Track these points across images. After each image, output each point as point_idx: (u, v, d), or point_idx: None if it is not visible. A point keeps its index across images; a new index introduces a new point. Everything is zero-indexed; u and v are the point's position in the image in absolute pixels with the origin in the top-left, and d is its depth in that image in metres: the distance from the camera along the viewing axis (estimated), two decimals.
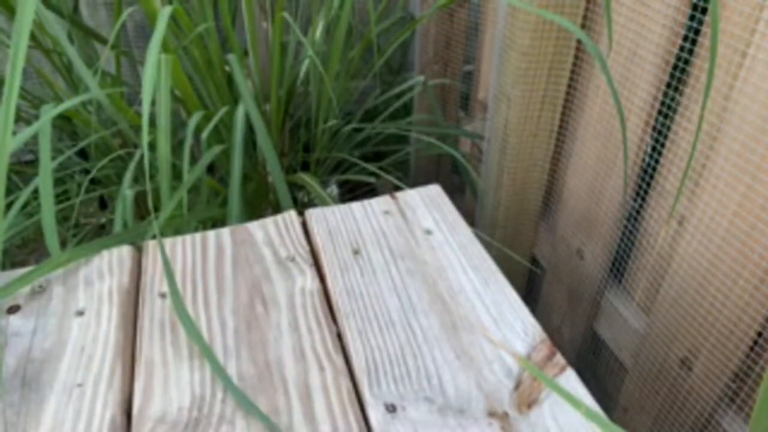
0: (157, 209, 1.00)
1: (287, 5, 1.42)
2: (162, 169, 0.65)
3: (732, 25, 0.57)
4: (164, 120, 0.64)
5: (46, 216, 0.62)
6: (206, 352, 0.47)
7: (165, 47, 0.80)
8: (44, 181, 0.63)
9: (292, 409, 0.44)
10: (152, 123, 0.97)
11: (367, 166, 0.99)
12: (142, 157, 0.86)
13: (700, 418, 0.70)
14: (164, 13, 0.59)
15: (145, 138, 0.50)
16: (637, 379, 0.80)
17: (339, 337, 0.50)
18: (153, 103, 0.89)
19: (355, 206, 0.64)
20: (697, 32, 0.62)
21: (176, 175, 0.96)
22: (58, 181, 1.38)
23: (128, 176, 0.81)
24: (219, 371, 0.46)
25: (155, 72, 0.54)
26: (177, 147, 1.09)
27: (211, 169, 1.29)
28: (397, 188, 1.45)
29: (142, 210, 1.25)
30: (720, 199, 0.62)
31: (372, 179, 0.95)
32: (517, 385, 0.45)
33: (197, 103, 0.86)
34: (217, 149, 0.78)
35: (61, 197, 1.37)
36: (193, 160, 1.11)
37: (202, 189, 0.83)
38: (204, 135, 0.77)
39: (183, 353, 0.48)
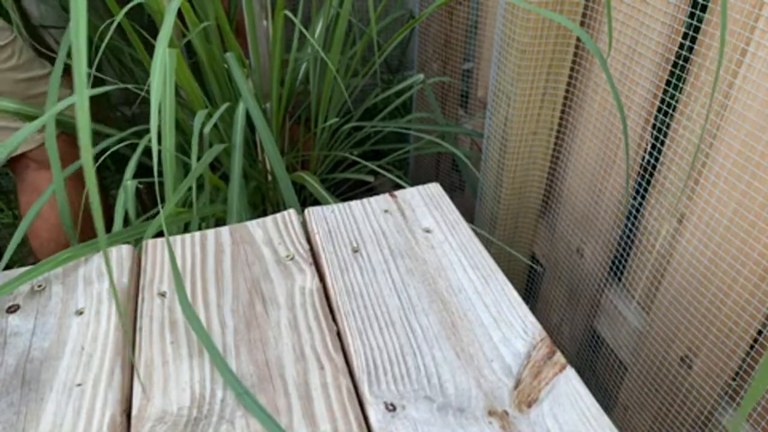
0: (157, 206, 1.00)
1: (286, 3, 1.42)
2: (167, 165, 0.65)
3: (732, 23, 0.57)
4: (169, 114, 0.64)
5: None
6: (213, 352, 0.47)
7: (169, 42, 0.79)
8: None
9: (292, 408, 0.44)
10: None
11: (367, 164, 0.99)
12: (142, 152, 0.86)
13: (700, 416, 0.70)
14: (172, 6, 0.59)
15: (155, 131, 0.49)
16: (637, 378, 0.80)
17: (339, 336, 0.50)
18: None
19: (355, 205, 0.64)
20: (696, 30, 0.62)
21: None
22: None
23: (131, 166, 0.81)
24: (226, 372, 0.46)
25: (162, 65, 0.54)
26: (177, 145, 1.09)
27: (211, 167, 1.29)
28: (397, 187, 1.45)
29: (139, 209, 1.25)
30: (720, 197, 0.62)
31: (371, 178, 0.95)
32: (517, 384, 0.45)
33: (200, 101, 0.86)
34: (219, 148, 0.78)
35: None
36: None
37: (205, 186, 0.83)
38: (206, 130, 0.77)
39: (183, 353, 0.48)
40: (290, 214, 0.63)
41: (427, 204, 0.64)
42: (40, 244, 1.05)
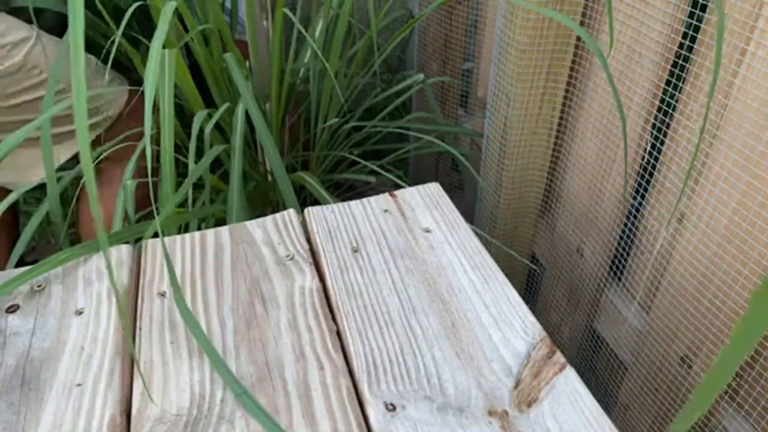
0: (157, 207, 1.00)
1: (286, 3, 1.42)
2: (165, 166, 0.65)
3: (732, 23, 0.57)
4: (168, 115, 0.64)
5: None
6: (211, 354, 0.47)
7: (168, 42, 0.79)
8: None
9: (292, 408, 0.44)
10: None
11: (367, 164, 0.99)
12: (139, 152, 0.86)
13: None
14: (168, 9, 0.59)
15: (148, 133, 0.50)
16: (637, 377, 0.80)
17: (338, 336, 0.50)
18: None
19: (355, 205, 0.64)
20: (696, 29, 0.62)
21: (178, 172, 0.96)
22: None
23: (130, 167, 0.82)
24: (225, 373, 0.46)
25: (158, 66, 0.54)
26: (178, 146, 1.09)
27: (212, 167, 1.29)
28: (397, 186, 1.45)
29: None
30: (720, 197, 0.62)
31: (372, 178, 0.95)
32: (517, 384, 0.45)
33: (200, 101, 0.86)
34: (219, 149, 0.78)
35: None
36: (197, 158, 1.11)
37: (205, 186, 0.83)
38: (206, 131, 0.77)
39: (182, 353, 0.48)
40: (290, 214, 0.63)
41: (426, 204, 0.64)
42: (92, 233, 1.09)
